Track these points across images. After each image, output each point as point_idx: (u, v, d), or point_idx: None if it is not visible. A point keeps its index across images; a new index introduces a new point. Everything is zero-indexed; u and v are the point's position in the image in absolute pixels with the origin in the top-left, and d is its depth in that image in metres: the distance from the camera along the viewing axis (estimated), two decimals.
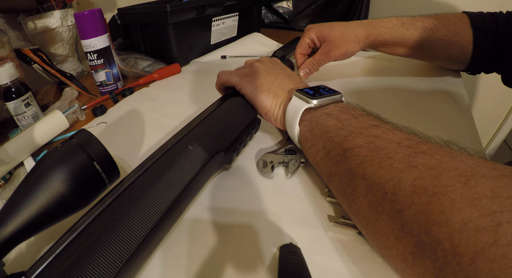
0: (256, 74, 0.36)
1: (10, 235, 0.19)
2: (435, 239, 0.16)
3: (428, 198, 0.17)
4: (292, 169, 0.33)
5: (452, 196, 0.16)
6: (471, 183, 0.16)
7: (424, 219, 0.17)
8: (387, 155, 0.21)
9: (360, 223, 0.23)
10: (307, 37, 0.48)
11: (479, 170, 0.17)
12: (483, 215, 0.15)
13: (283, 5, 0.97)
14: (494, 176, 0.16)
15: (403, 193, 0.19)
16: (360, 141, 0.24)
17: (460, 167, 0.18)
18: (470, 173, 0.17)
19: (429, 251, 0.17)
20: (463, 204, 0.16)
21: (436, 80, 0.51)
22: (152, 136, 0.41)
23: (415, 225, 0.17)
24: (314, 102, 0.29)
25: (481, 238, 0.14)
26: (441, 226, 0.16)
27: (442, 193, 0.17)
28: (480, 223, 0.15)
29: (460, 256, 0.15)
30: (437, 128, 0.39)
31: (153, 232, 0.22)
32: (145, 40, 0.66)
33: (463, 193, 0.16)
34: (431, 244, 0.16)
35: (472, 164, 0.17)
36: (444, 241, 0.16)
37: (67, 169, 0.22)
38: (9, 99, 0.41)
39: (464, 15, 0.46)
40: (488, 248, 0.14)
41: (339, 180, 0.24)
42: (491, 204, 0.15)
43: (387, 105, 0.45)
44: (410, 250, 0.18)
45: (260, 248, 0.25)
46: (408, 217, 0.18)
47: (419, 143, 0.21)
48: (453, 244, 0.15)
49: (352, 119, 0.26)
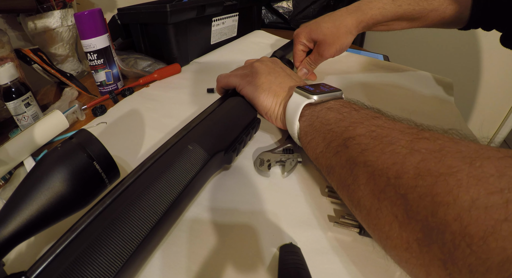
0: (256, 74, 0.36)
1: (10, 235, 0.19)
2: (443, 221, 0.16)
3: (433, 179, 0.17)
4: (288, 168, 0.33)
5: (458, 176, 0.16)
6: (476, 163, 0.16)
7: (430, 201, 0.16)
8: (389, 142, 0.21)
9: (361, 214, 0.22)
10: (298, 44, 0.48)
11: (482, 152, 0.16)
12: (492, 193, 0.14)
13: (283, 5, 0.97)
14: (498, 157, 0.16)
15: (407, 176, 0.18)
16: (362, 130, 0.23)
17: (463, 150, 0.17)
18: (475, 155, 0.16)
19: (436, 235, 0.16)
20: (470, 183, 0.15)
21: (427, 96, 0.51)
22: (152, 136, 0.41)
23: (421, 209, 0.17)
24: (315, 97, 0.29)
25: (492, 215, 0.14)
26: (449, 206, 0.15)
27: (448, 174, 0.16)
28: (489, 200, 0.14)
29: (470, 237, 0.14)
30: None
31: (153, 232, 0.22)
32: (145, 40, 0.66)
33: (470, 173, 0.16)
34: (438, 227, 0.16)
35: (476, 148, 0.17)
36: (452, 222, 0.15)
37: (67, 169, 0.22)
38: (9, 99, 0.41)
39: None
40: (500, 224, 0.13)
41: (339, 171, 0.24)
42: (499, 182, 0.14)
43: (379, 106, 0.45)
44: (416, 237, 0.17)
45: (260, 248, 0.25)
46: (412, 201, 0.17)
47: (421, 131, 0.21)
48: (462, 224, 0.15)
49: (353, 112, 0.26)
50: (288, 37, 0.74)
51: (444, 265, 0.16)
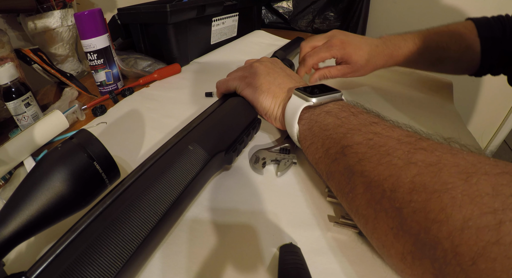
0: (255, 74, 0.36)
1: (10, 235, 0.19)
2: (435, 238, 0.16)
3: (427, 196, 0.17)
4: (282, 168, 0.33)
5: (452, 194, 0.16)
6: (472, 180, 0.16)
7: (423, 217, 0.17)
8: (386, 152, 0.21)
9: (360, 222, 0.22)
10: (330, 54, 0.45)
11: (480, 167, 0.16)
12: (485, 213, 0.14)
13: (283, 5, 0.97)
14: (496, 173, 0.16)
15: (402, 190, 0.18)
16: (359, 138, 0.23)
17: (461, 164, 0.17)
18: (471, 170, 0.16)
19: (428, 251, 0.16)
20: (464, 202, 0.15)
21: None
22: (152, 136, 0.41)
23: (414, 224, 0.17)
24: (313, 100, 0.29)
25: (482, 237, 0.14)
26: (441, 224, 0.16)
27: (442, 191, 0.16)
28: (481, 221, 0.14)
29: (461, 256, 0.14)
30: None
31: (153, 232, 0.22)
32: (145, 40, 0.65)
33: (464, 191, 0.16)
34: (430, 243, 0.16)
35: (474, 161, 0.17)
36: (444, 240, 0.15)
37: (67, 169, 0.22)
38: (9, 99, 0.41)
39: (471, 23, 0.46)
40: (490, 247, 0.14)
41: (338, 178, 0.24)
42: (493, 202, 0.14)
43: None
44: (409, 250, 0.17)
45: (260, 248, 0.25)
46: (407, 215, 0.17)
47: (419, 140, 0.21)
48: (454, 243, 0.15)
49: (352, 117, 0.26)
50: (288, 37, 0.74)
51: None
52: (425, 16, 1.00)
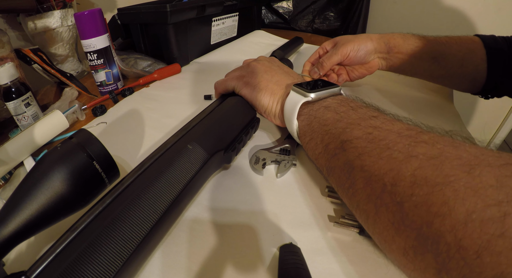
0: (253, 73, 0.36)
1: (10, 235, 0.19)
2: (438, 232, 0.15)
3: (429, 189, 0.16)
4: (282, 170, 0.33)
5: (455, 186, 0.15)
6: (475, 172, 0.15)
7: (425, 211, 0.16)
8: (386, 146, 0.20)
9: (361, 217, 0.22)
10: (320, 48, 0.49)
11: (483, 159, 0.16)
12: (489, 206, 0.14)
13: (283, 5, 0.98)
14: (499, 164, 0.15)
15: (403, 184, 0.18)
16: (359, 132, 0.23)
17: (464, 156, 0.17)
18: (474, 162, 0.16)
19: (431, 245, 0.16)
20: (467, 194, 0.15)
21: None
22: (152, 136, 0.41)
23: (416, 218, 0.17)
24: (312, 95, 0.29)
25: (487, 230, 0.13)
26: (444, 218, 0.15)
27: (445, 183, 0.16)
28: (485, 214, 0.14)
29: (465, 250, 0.14)
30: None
31: (152, 231, 0.22)
32: (145, 40, 0.65)
33: (467, 183, 0.15)
34: (433, 238, 0.16)
35: (476, 153, 0.17)
36: (447, 233, 0.15)
37: (67, 168, 0.22)
38: (9, 99, 0.41)
39: (475, 36, 0.46)
40: (495, 240, 0.13)
41: (338, 174, 0.24)
42: (497, 194, 0.14)
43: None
44: (411, 244, 0.17)
45: (260, 248, 0.25)
46: (408, 209, 0.17)
47: (420, 133, 0.20)
48: (457, 237, 0.14)
49: (351, 111, 0.26)
50: (288, 37, 0.74)
51: (438, 274, 0.16)
52: (425, 16, 1.00)
